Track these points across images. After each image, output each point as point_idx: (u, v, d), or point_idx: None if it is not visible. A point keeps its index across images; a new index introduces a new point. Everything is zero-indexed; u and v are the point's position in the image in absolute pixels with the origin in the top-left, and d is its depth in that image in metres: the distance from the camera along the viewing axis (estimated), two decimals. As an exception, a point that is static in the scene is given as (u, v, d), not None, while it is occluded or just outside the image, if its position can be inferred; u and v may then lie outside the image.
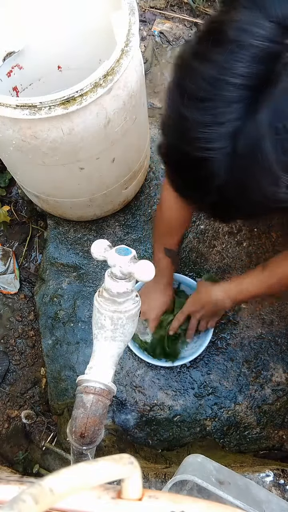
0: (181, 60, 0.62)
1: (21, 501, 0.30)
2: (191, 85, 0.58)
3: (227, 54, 0.55)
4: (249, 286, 1.12)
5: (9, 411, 1.50)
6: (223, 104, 0.56)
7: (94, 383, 0.73)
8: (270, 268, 1.08)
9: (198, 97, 0.57)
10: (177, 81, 0.61)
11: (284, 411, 1.31)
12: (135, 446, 1.31)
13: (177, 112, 0.60)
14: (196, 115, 0.57)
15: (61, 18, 1.25)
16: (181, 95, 0.59)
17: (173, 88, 0.62)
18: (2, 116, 0.96)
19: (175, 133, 0.62)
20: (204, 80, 0.56)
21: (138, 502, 0.37)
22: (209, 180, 0.60)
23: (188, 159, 0.61)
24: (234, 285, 1.15)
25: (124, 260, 0.67)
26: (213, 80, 0.56)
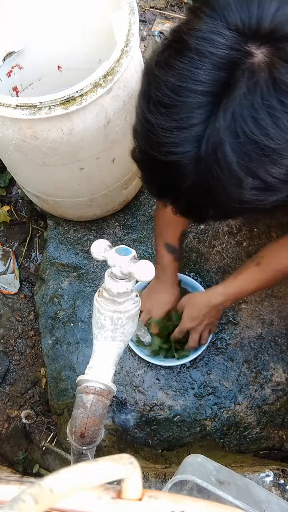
0: (147, 68, 0.64)
1: (21, 501, 0.30)
2: (155, 92, 0.60)
3: (188, 62, 0.57)
4: (246, 283, 1.12)
5: (9, 411, 1.50)
6: (186, 110, 0.58)
7: (94, 383, 0.73)
8: (264, 263, 1.08)
9: (162, 104, 0.59)
10: (143, 89, 0.64)
11: (284, 411, 1.31)
12: (135, 446, 1.31)
13: (144, 118, 0.62)
14: (161, 121, 0.60)
15: (61, 18, 1.25)
16: (147, 102, 0.62)
17: (140, 96, 0.64)
18: (2, 116, 0.96)
19: (143, 139, 0.64)
20: (167, 88, 0.59)
21: (138, 502, 0.37)
22: (178, 182, 0.63)
23: (157, 162, 0.63)
24: (231, 286, 1.15)
25: (124, 260, 0.67)
26: (175, 87, 0.58)
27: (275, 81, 0.55)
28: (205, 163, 0.59)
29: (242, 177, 0.58)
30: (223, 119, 0.56)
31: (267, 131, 0.56)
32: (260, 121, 0.55)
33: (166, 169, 0.63)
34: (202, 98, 0.57)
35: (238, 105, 0.56)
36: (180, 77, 0.58)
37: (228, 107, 0.56)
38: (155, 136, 0.61)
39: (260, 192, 0.60)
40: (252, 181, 0.58)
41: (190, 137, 0.59)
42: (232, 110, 0.56)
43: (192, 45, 0.57)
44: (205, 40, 0.57)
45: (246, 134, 0.56)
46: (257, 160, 0.57)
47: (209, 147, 0.58)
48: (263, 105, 0.55)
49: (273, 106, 0.55)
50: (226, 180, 0.59)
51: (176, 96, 0.58)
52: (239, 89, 0.56)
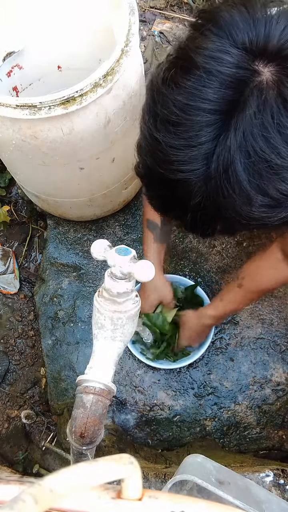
0: (152, 85, 0.64)
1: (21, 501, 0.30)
2: (162, 110, 0.60)
3: (195, 81, 0.57)
4: (230, 305, 1.17)
5: (9, 411, 1.50)
6: (194, 128, 0.58)
7: (94, 383, 0.73)
8: (245, 285, 1.11)
9: (169, 122, 0.59)
10: (149, 106, 0.63)
11: (284, 411, 1.31)
12: (135, 446, 1.31)
13: (150, 135, 0.62)
14: (168, 139, 0.60)
15: (61, 18, 1.24)
16: (154, 119, 0.61)
17: (146, 112, 0.64)
18: (2, 116, 0.96)
19: (150, 156, 0.64)
20: (174, 106, 0.59)
21: (138, 502, 0.37)
22: (185, 200, 0.62)
23: (164, 180, 0.63)
24: (218, 308, 1.20)
25: (124, 260, 0.67)
26: (183, 105, 0.58)
27: (285, 100, 0.56)
28: (215, 181, 0.59)
29: (252, 195, 0.58)
30: (234, 138, 0.56)
31: (278, 150, 0.56)
32: (271, 140, 0.56)
33: (173, 186, 0.62)
34: (210, 117, 0.57)
35: (249, 124, 0.56)
36: (188, 96, 0.58)
37: (239, 126, 0.56)
38: (162, 154, 0.61)
39: (269, 209, 0.60)
40: (262, 198, 0.59)
41: (199, 155, 0.59)
42: (243, 129, 0.56)
43: (199, 64, 0.57)
44: (213, 58, 0.57)
45: (257, 153, 0.56)
46: (267, 178, 0.57)
47: (220, 166, 0.58)
48: (273, 124, 0.55)
49: (283, 124, 0.55)
50: (236, 197, 0.59)
51: (184, 115, 0.58)
52: (249, 108, 0.56)
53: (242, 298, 1.14)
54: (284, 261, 1.02)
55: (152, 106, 0.62)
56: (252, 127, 0.56)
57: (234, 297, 1.15)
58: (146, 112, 0.64)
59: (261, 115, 0.55)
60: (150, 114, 0.63)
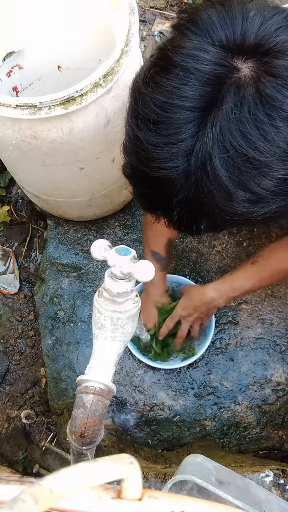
0: (134, 86, 0.65)
1: (21, 501, 0.30)
2: (143, 109, 0.61)
3: (174, 79, 0.58)
4: (241, 282, 1.11)
5: (9, 411, 1.50)
6: (174, 126, 0.59)
7: (94, 383, 0.73)
8: (260, 262, 1.08)
9: (150, 120, 0.60)
10: (131, 106, 0.64)
11: (284, 411, 1.31)
12: (135, 446, 1.31)
13: (133, 134, 0.63)
14: (149, 137, 0.61)
15: (61, 18, 1.25)
16: (136, 118, 0.62)
17: (129, 112, 0.65)
18: (2, 116, 0.96)
19: (133, 154, 0.65)
20: (154, 105, 0.59)
21: (138, 502, 0.37)
22: (169, 197, 0.63)
23: (148, 178, 0.64)
24: (226, 283, 1.13)
25: (124, 260, 0.67)
26: (162, 104, 0.59)
27: (262, 95, 0.56)
28: (195, 177, 0.60)
29: (233, 190, 0.59)
30: (211, 133, 0.57)
31: (256, 144, 0.56)
32: (248, 135, 0.56)
33: (157, 184, 0.63)
34: (189, 114, 0.58)
35: (226, 119, 0.56)
36: (166, 94, 0.58)
37: (216, 122, 0.56)
38: (144, 152, 0.62)
39: (251, 204, 0.60)
40: (243, 193, 0.59)
41: (179, 152, 0.59)
42: (220, 124, 0.56)
43: (177, 62, 0.58)
44: (190, 56, 0.57)
45: (234, 148, 0.57)
46: (246, 173, 0.58)
47: (199, 162, 0.59)
48: (250, 119, 0.56)
49: (260, 119, 0.56)
50: (217, 193, 0.60)
51: (164, 113, 0.59)
52: (226, 104, 0.56)
53: (253, 275, 1.09)
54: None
55: (134, 105, 0.64)
56: (229, 122, 0.56)
57: (244, 273, 1.10)
58: (129, 112, 0.65)
59: (238, 110, 0.56)
60: (132, 113, 0.64)
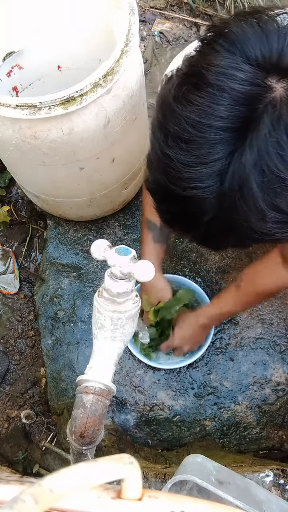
0: (163, 101, 0.63)
1: (21, 501, 0.30)
2: (174, 127, 0.59)
3: (207, 98, 0.57)
4: (228, 307, 1.17)
5: (9, 411, 1.50)
6: (207, 146, 0.57)
7: (94, 383, 0.73)
8: (243, 287, 1.11)
9: (181, 139, 0.59)
10: (160, 122, 0.62)
11: (284, 411, 1.31)
12: (135, 446, 1.31)
13: (162, 152, 0.61)
14: (180, 156, 0.59)
15: (61, 18, 1.25)
16: (165, 136, 0.61)
17: (156, 128, 0.63)
18: (2, 116, 0.96)
19: (161, 172, 0.63)
20: (187, 123, 0.58)
21: (138, 502, 0.37)
22: (197, 216, 0.62)
23: (175, 196, 0.62)
24: (215, 308, 1.20)
25: (124, 260, 0.67)
26: (195, 123, 0.57)
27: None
28: (230, 198, 0.59)
29: (267, 212, 0.58)
30: (250, 155, 0.56)
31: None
32: (286, 157, 0.56)
33: (185, 202, 0.62)
34: (223, 134, 0.57)
35: (263, 142, 0.55)
36: (200, 113, 0.57)
37: (253, 144, 0.56)
38: (174, 171, 0.60)
39: (282, 225, 0.60)
40: (276, 214, 0.59)
41: (212, 172, 0.58)
42: (257, 147, 0.56)
43: (211, 81, 0.57)
44: (225, 75, 0.56)
45: (272, 171, 0.56)
46: (281, 195, 0.58)
47: (235, 183, 0.58)
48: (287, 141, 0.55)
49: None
50: (251, 214, 0.59)
51: (197, 132, 0.57)
52: (263, 125, 0.55)
53: (238, 300, 1.14)
54: (284, 266, 1.02)
55: (163, 122, 0.62)
56: (267, 145, 0.55)
57: (230, 298, 1.15)
58: (157, 128, 0.63)
59: (276, 133, 0.55)
60: (161, 130, 0.62)
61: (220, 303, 1.18)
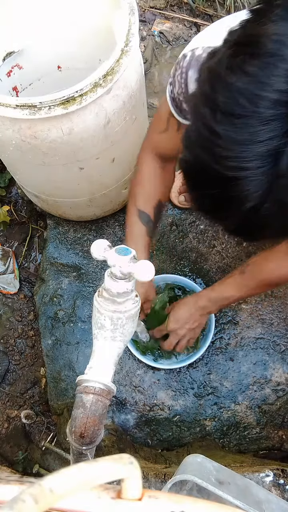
0: (211, 73, 0.57)
1: (21, 501, 0.30)
2: (226, 100, 0.54)
3: (265, 68, 0.52)
4: (231, 291, 1.13)
5: (9, 411, 1.50)
6: (261, 122, 0.53)
7: (94, 383, 0.73)
8: (248, 272, 1.08)
9: (233, 114, 0.54)
10: (206, 95, 0.57)
11: (284, 411, 1.31)
12: (134, 446, 1.31)
13: (208, 128, 0.56)
14: (230, 133, 0.54)
15: (61, 18, 1.25)
16: (213, 111, 0.55)
17: (201, 102, 0.57)
18: (2, 116, 0.96)
19: (204, 150, 0.57)
20: (240, 95, 0.53)
21: (138, 502, 0.37)
22: (239, 201, 0.57)
23: (217, 178, 0.57)
24: (217, 292, 1.16)
25: (124, 260, 0.67)
26: (250, 95, 0.53)
27: None
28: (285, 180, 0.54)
29: None
30: None
31: None
32: None
33: (228, 186, 0.56)
34: (280, 109, 0.52)
35: None
36: (256, 85, 0.52)
37: None
38: (221, 149, 0.55)
39: None
40: None
41: (264, 151, 0.53)
42: None
43: (270, 50, 0.52)
44: (286, 45, 0.52)
45: None
46: None
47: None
48: None
49: None
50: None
51: (251, 106, 0.53)
52: None
53: (242, 285, 1.10)
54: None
55: (211, 96, 0.56)
56: None
57: (233, 281, 1.12)
58: (201, 102, 0.57)
59: None
60: (206, 103, 0.56)
61: (222, 287, 1.14)
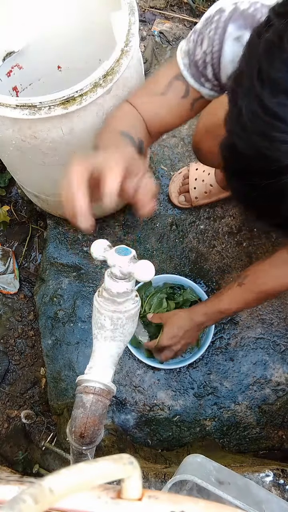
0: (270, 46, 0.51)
1: (21, 501, 0.30)
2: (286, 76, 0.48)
3: None
4: (228, 305, 1.11)
5: (9, 411, 1.50)
6: None
7: (94, 383, 0.73)
8: (246, 284, 1.06)
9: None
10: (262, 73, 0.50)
11: (284, 411, 1.31)
12: (134, 446, 1.31)
13: (265, 109, 0.50)
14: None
15: (61, 18, 1.25)
16: (272, 89, 0.49)
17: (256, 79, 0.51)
18: (2, 116, 0.96)
19: (258, 136, 0.51)
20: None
21: (138, 502, 0.37)
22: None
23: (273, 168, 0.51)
24: (214, 306, 1.14)
25: (123, 260, 0.67)
26: None
27: None
28: None
29: None
30: None
31: None
32: None
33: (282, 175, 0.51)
34: None
35: None
36: None
37: None
38: (282, 134, 0.49)
39: None
40: None
41: None
42: None
43: None
44: None
45: None
46: None
47: None
48: None
49: None
50: None
51: None
52: None
53: (239, 297, 1.09)
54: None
55: (268, 72, 0.50)
56: None
57: (231, 295, 1.10)
58: (257, 80, 0.50)
59: None
60: (264, 83, 0.50)
61: (219, 300, 1.13)
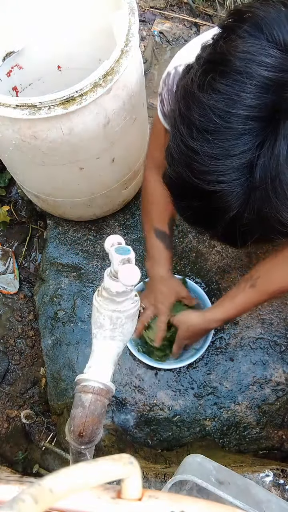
0: (185, 92, 0.59)
1: (21, 501, 0.30)
2: (199, 118, 0.57)
3: (235, 86, 0.54)
4: (242, 307, 1.12)
5: (9, 411, 1.50)
6: (234, 137, 0.55)
7: (93, 382, 0.73)
8: (259, 285, 1.06)
9: (207, 131, 0.56)
10: (183, 113, 0.59)
11: (284, 411, 1.31)
12: (134, 446, 1.31)
13: (186, 145, 0.58)
14: (206, 149, 0.56)
15: (61, 18, 1.25)
16: (189, 128, 0.58)
17: (178, 120, 0.60)
18: (2, 116, 0.96)
19: (183, 166, 0.60)
20: (213, 113, 0.55)
21: (138, 502, 0.37)
22: (221, 211, 0.59)
23: (198, 191, 0.59)
24: (226, 311, 1.15)
25: (116, 258, 0.67)
26: (222, 112, 0.55)
27: None
28: (261, 192, 0.56)
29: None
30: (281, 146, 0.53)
31: None
32: None
33: (210, 197, 0.59)
34: (251, 124, 0.54)
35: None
36: (227, 102, 0.54)
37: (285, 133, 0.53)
38: (199, 165, 0.58)
39: None
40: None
41: (239, 164, 0.56)
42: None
43: (239, 68, 0.54)
44: (253, 61, 0.54)
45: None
46: None
47: (266, 175, 0.55)
48: None
49: None
50: (281, 207, 0.57)
51: (224, 122, 0.55)
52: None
53: (254, 300, 1.09)
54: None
55: (186, 114, 0.58)
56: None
57: (247, 299, 1.10)
58: (179, 120, 0.60)
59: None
60: (184, 122, 0.59)
61: (234, 305, 1.13)
